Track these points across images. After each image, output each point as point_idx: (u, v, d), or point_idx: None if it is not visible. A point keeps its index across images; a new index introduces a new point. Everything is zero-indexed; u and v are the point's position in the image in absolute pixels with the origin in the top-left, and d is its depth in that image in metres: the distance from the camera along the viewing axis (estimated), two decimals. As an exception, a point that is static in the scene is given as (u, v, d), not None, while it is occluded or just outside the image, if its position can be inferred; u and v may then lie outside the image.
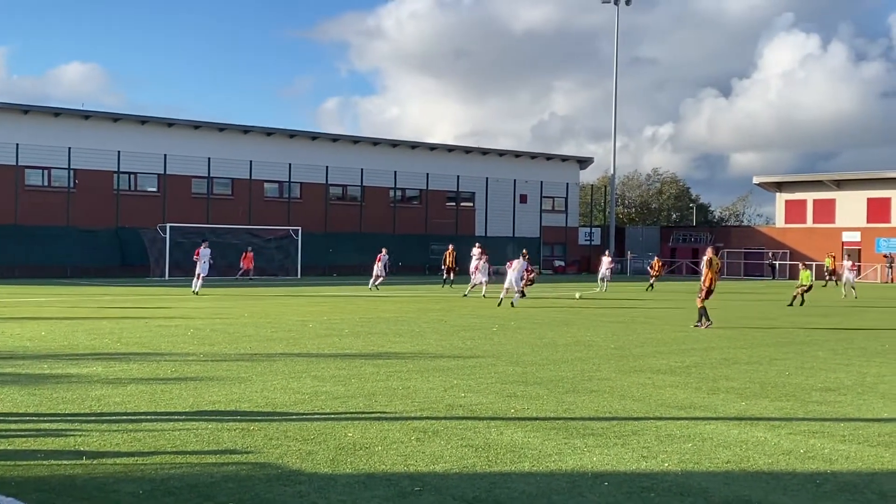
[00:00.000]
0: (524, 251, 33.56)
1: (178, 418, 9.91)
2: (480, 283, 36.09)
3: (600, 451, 8.63)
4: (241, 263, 50.57)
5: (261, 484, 7.33)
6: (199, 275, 34.76)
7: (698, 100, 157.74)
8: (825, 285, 38.89)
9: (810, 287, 34.25)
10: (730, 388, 12.70)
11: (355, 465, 7.97)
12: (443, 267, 44.46)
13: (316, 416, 10.15)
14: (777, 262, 69.66)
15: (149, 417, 9.95)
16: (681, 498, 7.11)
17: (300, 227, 55.44)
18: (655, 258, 47.51)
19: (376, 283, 40.42)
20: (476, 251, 39.04)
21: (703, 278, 23.20)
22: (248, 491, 7.12)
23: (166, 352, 15.85)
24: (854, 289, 40.08)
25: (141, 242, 50.90)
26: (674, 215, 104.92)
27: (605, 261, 44.84)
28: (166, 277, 48.45)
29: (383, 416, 10.21)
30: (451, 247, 44.51)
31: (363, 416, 10.25)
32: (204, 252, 35.24)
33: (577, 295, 35.85)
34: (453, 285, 42.36)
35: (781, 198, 74.63)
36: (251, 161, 57.47)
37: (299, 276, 53.23)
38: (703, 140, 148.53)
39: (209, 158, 55.98)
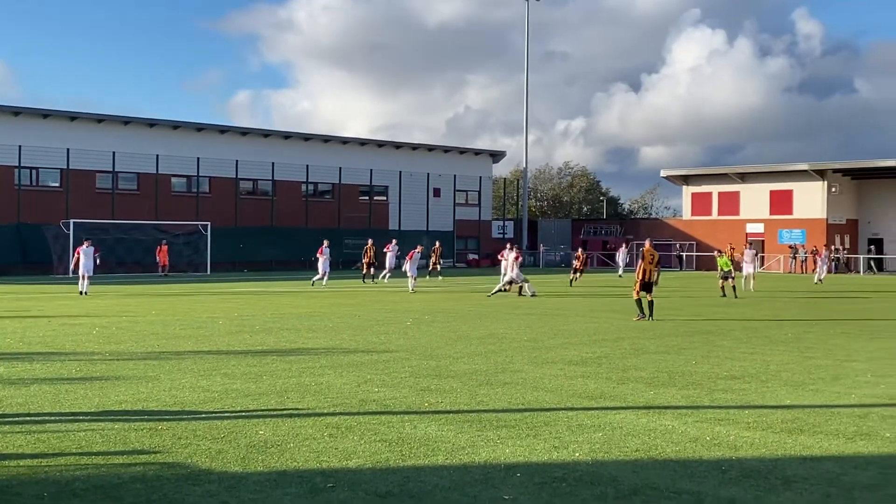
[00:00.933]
0: (512, 241, 34.30)
1: (84, 419, 9.66)
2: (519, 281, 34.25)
3: (513, 443, 8.69)
4: (157, 258, 49.66)
5: (169, 484, 7.19)
6: (83, 275, 32.41)
7: (609, 94, 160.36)
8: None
9: (730, 272, 33.82)
10: (639, 378, 12.91)
11: (267, 463, 7.87)
12: (362, 262, 44.31)
13: (226, 415, 10.01)
14: (684, 254, 71.18)
15: (53, 418, 9.68)
16: (591, 487, 7.19)
17: (209, 223, 54.59)
18: (579, 251, 46.06)
19: (374, 277, 40.90)
20: (509, 252, 37.17)
21: (636, 270, 23.65)
22: (157, 491, 6.97)
23: (70, 351, 15.45)
24: (754, 279, 39.67)
25: (43, 239, 49.50)
26: (585, 208, 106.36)
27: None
28: (70, 275, 47.16)
29: (295, 413, 10.12)
30: (369, 241, 44.37)
31: (275, 413, 10.14)
32: (86, 250, 32.87)
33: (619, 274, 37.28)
34: (375, 280, 42.30)
35: (688, 190, 76.20)
36: (158, 155, 56.38)
37: (209, 272, 52.43)
38: (614, 134, 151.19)
39: (114, 153, 54.75)
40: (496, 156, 77.71)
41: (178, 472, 7.57)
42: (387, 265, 41.28)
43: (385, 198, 68.34)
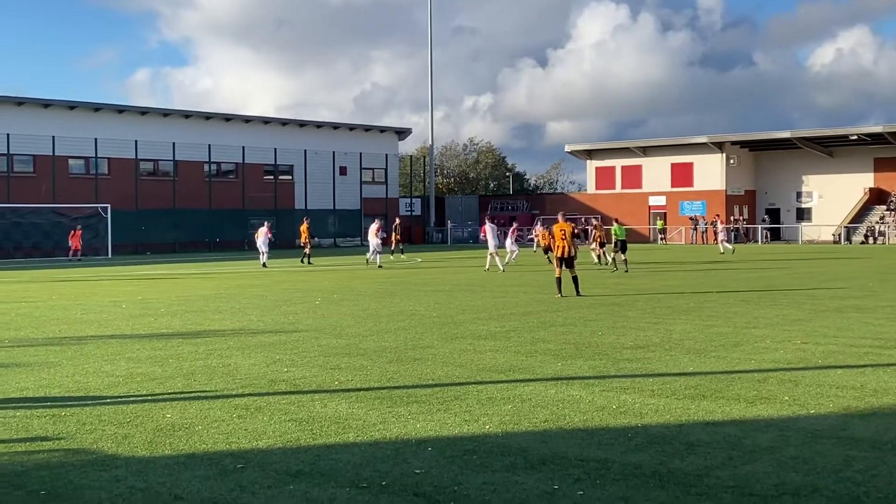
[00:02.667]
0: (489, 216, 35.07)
1: (-18, 408, 9.38)
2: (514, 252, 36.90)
3: (424, 418, 8.74)
4: (70, 242, 48.30)
5: (75, 470, 7.04)
6: None
7: (516, 70, 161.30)
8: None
9: (624, 244, 32.78)
10: (546, 350, 13.09)
11: (175, 447, 7.77)
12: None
13: (132, 399, 9.84)
14: (590, 228, 72.24)
15: (-51, 409, 9.38)
16: (501, 458, 7.29)
17: (109, 205, 53.28)
18: (539, 226, 44.01)
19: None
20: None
21: (553, 248, 22.52)
22: (62, 478, 6.83)
23: (-33, 339, 14.97)
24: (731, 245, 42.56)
25: (-66, 225, 47.82)
26: (491, 184, 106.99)
27: (372, 228, 40.24)
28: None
29: (203, 396, 10.00)
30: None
31: (182, 396, 10.00)
32: None
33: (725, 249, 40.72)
34: (310, 262, 40.68)
35: (592, 165, 77.31)
36: (54, 136, 54.82)
37: (110, 256, 51.27)
38: (522, 109, 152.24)
39: (8, 135, 53.08)
40: (402, 133, 77.61)
41: (84, 458, 7.42)
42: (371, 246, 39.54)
43: (290, 177, 67.71)
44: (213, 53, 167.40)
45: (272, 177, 66.21)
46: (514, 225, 39.54)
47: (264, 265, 37.54)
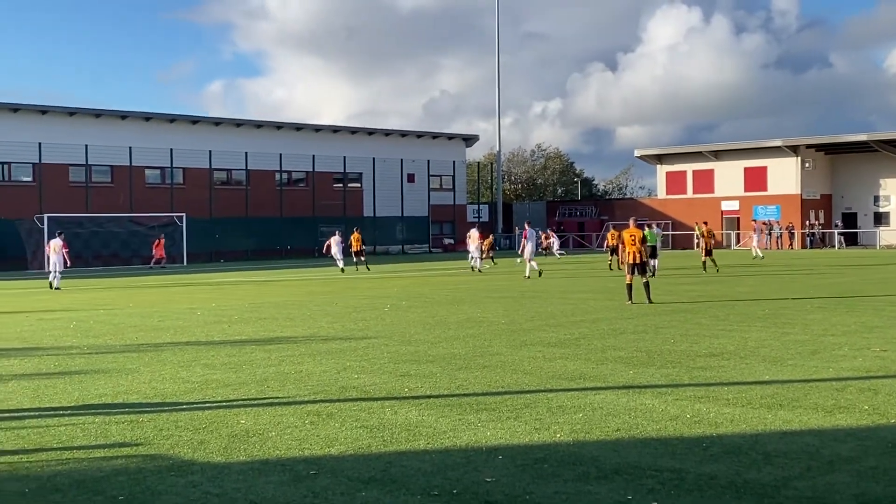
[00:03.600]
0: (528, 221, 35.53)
1: (64, 413, 9.62)
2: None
3: (494, 426, 8.72)
4: (154, 251, 49.54)
5: (152, 476, 7.17)
6: (54, 269, 31.74)
7: (585, 74, 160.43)
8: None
9: (654, 249, 32.54)
10: (618, 358, 12.98)
11: (249, 452, 7.87)
12: (354, 250, 44.58)
13: (207, 405, 9.99)
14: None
15: (32, 414, 9.63)
16: (573, 467, 7.23)
17: (184, 214, 54.29)
18: (549, 231, 45.24)
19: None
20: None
21: (622, 255, 22.53)
22: (139, 484, 6.96)
23: (48, 346, 15.36)
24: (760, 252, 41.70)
25: (17, 234, 49.11)
26: (559, 190, 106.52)
27: (474, 235, 40.27)
28: (45, 270, 46.78)
29: (276, 402, 10.11)
30: (357, 230, 44.94)
31: (256, 402, 10.13)
32: (54, 243, 32.21)
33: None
34: (368, 268, 42.08)
35: (662, 170, 76.49)
36: (131, 147, 55.99)
37: (185, 264, 52.18)
38: (591, 114, 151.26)
39: (87, 146, 54.32)
40: (469, 140, 77.71)
41: (161, 463, 7.56)
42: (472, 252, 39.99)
43: (359, 184, 68.22)
44: (285, 64, 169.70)
45: (341, 184, 66.77)
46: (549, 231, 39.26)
47: (342, 271, 39.71)
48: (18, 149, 51.86)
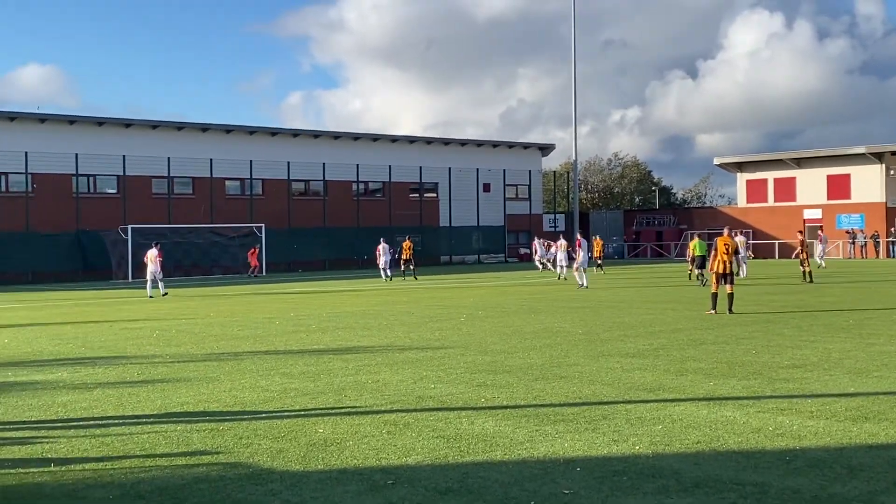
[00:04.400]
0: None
1: (147, 421, 9.81)
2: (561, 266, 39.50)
3: (571, 437, 8.65)
4: (249, 260, 50.75)
5: (232, 484, 7.27)
6: (150, 278, 33.14)
7: (665, 82, 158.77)
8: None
9: (703, 259, 33.12)
10: (697, 369, 12.78)
11: (327, 461, 7.93)
12: (404, 258, 45.12)
13: (286, 414, 10.09)
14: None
15: (116, 422, 9.84)
16: (653, 480, 7.13)
17: (263, 224, 55.09)
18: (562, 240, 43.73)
19: (389, 273, 42.76)
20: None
21: (711, 262, 22.29)
22: (220, 492, 7.05)
23: (132, 355, 15.70)
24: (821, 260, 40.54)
25: (102, 245, 50.37)
26: (637, 199, 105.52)
27: (562, 244, 40.87)
28: (129, 280, 47.97)
29: (353, 411, 10.18)
30: (407, 238, 45.78)
31: (333, 411, 10.20)
32: (150, 254, 33.52)
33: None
34: (416, 277, 43.87)
35: (742, 177, 75.29)
36: (211, 159, 57.03)
37: (264, 273, 52.92)
38: (671, 122, 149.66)
39: (169, 158, 55.49)
40: (545, 149, 77.46)
41: (241, 471, 7.65)
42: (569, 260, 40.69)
43: (435, 194, 68.45)
44: (362, 75, 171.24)
45: (417, 194, 67.10)
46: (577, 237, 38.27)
47: (415, 278, 41.83)
48: (104, 161, 53.20)
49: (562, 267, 39.92)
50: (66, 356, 15.72)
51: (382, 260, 43.17)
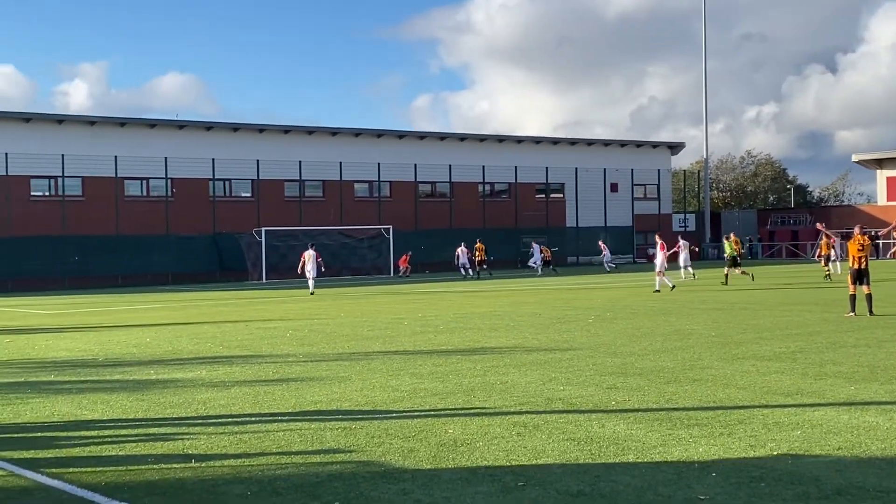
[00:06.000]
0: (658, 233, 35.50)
1: (282, 419, 10.05)
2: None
3: (706, 442, 8.47)
4: (400, 263, 52.16)
5: (365, 482, 7.38)
6: (309, 277, 36.56)
7: (802, 77, 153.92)
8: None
9: (734, 260, 35.56)
10: (837, 373, 12.34)
11: (457, 461, 7.96)
12: (478, 259, 48.61)
13: (416, 414, 10.19)
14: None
15: (253, 419, 10.12)
16: (792, 487, 6.92)
17: (391, 226, 55.81)
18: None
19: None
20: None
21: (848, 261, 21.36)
22: (354, 490, 7.17)
23: (267, 354, 16.12)
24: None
25: (238, 247, 51.87)
26: (771, 197, 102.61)
27: (683, 244, 41.47)
28: (263, 281, 49.33)
29: (483, 412, 10.20)
30: (478, 241, 49.09)
31: (463, 412, 10.25)
32: (308, 254, 36.94)
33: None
34: (491, 275, 47.45)
35: (882, 175, 72.38)
36: (341, 162, 58.09)
37: (392, 275, 53.62)
38: (809, 118, 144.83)
39: (300, 162, 56.78)
40: (675, 148, 76.08)
41: (374, 470, 7.76)
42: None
43: (561, 195, 68.04)
44: (489, 76, 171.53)
45: (544, 195, 66.84)
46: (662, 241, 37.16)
47: (489, 275, 45.27)
48: (239, 166, 54.80)
49: (685, 268, 40.04)
50: (204, 355, 16.25)
51: (463, 260, 48.38)
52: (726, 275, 34.89)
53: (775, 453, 7.97)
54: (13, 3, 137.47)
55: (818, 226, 28.48)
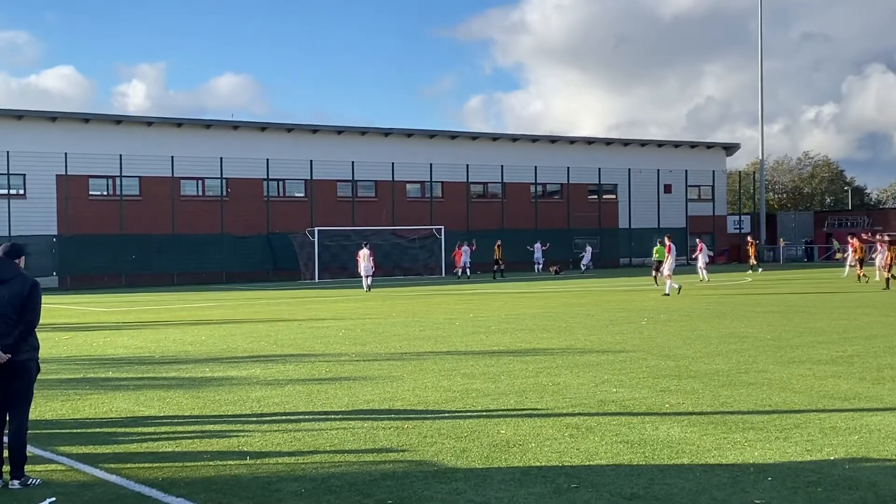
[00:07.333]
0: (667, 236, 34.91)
1: (335, 417, 10.13)
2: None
3: (762, 446, 8.38)
4: (454, 259, 51.96)
5: (418, 482, 7.41)
6: (365, 275, 37.81)
7: (863, 76, 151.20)
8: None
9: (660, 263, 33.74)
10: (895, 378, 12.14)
11: (510, 462, 7.97)
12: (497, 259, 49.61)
13: (468, 414, 10.21)
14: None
15: (307, 417, 10.21)
16: (849, 492, 6.83)
17: (443, 227, 55.86)
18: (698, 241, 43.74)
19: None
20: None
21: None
22: (406, 489, 7.21)
23: (320, 352, 16.24)
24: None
25: (291, 247, 52.30)
26: (828, 199, 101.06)
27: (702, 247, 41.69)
28: (316, 280, 49.67)
29: (535, 413, 10.19)
30: (498, 241, 50.38)
31: (515, 412, 10.25)
32: (363, 253, 38.24)
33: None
34: (504, 276, 48.61)
35: (944, 176, 70.87)
36: (393, 163, 58.29)
37: (443, 275, 53.69)
38: (869, 119, 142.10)
39: (353, 162, 57.07)
40: (730, 148, 75.21)
41: (426, 469, 7.80)
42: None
43: (614, 196, 67.60)
44: (543, 77, 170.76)
45: (596, 196, 66.47)
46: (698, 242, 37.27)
47: (502, 275, 47.66)
48: (293, 166, 55.26)
49: (701, 269, 40.27)
50: (258, 353, 16.42)
51: (463, 259, 49.65)
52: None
53: (832, 458, 7.87)
54: (72, 4, 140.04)
55: (880, 240, 27.88)
